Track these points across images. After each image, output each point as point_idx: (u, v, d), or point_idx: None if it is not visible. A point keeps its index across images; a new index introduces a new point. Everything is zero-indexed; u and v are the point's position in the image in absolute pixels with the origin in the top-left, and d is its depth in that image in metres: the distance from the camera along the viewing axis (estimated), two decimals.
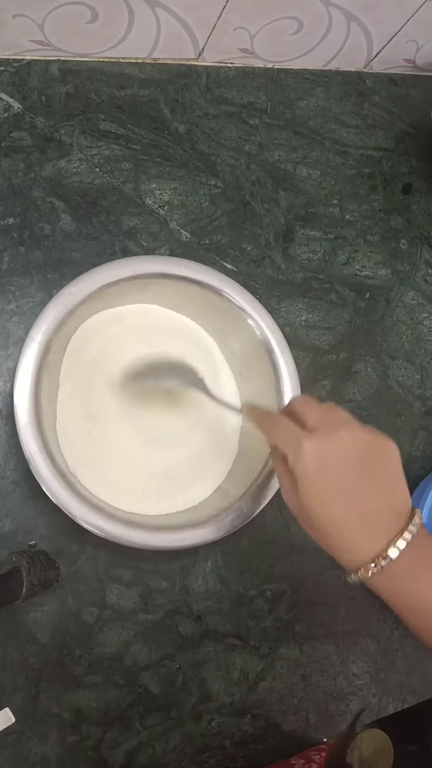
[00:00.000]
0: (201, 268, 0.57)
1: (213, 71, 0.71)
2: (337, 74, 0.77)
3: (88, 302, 0.53)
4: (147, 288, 0.58)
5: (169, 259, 0.58)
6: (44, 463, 0.49)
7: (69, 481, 0.50)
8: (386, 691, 0.65)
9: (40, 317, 0.51)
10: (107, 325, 0.59)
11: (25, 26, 0.60)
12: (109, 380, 0.57)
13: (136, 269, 0.55)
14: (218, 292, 0.57)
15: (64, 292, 0.52)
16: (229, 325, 0.60)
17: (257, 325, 0.58)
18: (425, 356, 0.72)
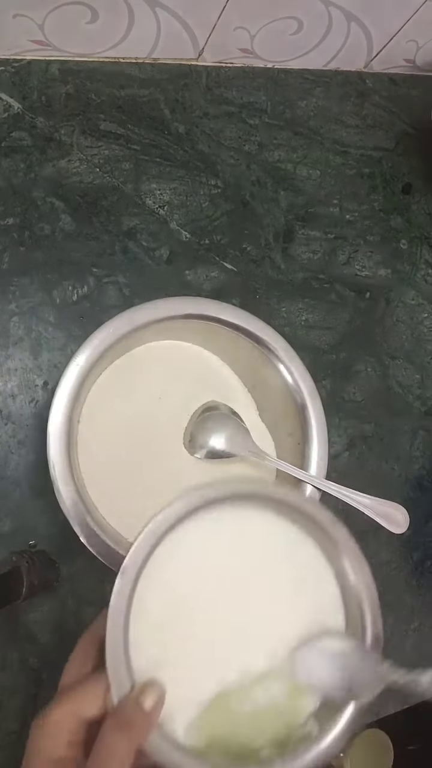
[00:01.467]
0: (244, 315, 0.56)
1: (213, 71, 0.71)
2: (337, 74, 0.77)
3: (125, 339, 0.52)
4: (179, 326, 0.57)
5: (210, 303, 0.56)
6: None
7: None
8: (386, 691, 0.65)
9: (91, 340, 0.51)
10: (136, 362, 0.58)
11: (25, 26, 0.60)
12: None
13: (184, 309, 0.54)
14: (254, 336, 0.56)
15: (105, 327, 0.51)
16: (258, 366, 0.58)
17: (287, 371, 0.56)
18: (425, 356, 0.72)
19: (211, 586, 0.41)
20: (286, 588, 0.43)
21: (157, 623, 0.39)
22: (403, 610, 0.66)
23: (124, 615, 0.36)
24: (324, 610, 0.43)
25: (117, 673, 0.35)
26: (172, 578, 0.40)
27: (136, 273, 0.63)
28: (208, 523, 0.42)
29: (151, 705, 0.35)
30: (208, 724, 0.39)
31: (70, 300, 0.60)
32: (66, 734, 0.34)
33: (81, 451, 0.54)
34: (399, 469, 0.69)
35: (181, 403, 0.58)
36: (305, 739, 0.40)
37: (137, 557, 0.38)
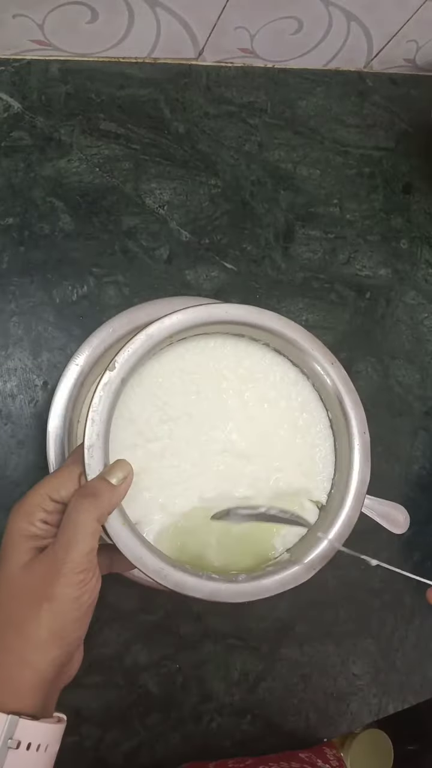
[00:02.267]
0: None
1: (213, 71, 0.71)
2: (337, 74, 0.77)
3: None
4: None
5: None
6: None
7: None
8: (386, 691, 0.65)
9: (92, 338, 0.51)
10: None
11: (25, 26, 0.60)
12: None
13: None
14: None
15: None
16: None
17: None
18: (425, 356, 0.72)
19: (204, 406, 0.42)
20: (282, 421, 0.44)
21: (144, 432, 0.40)
22: (403, 610, 0.66)
23: (108, 408, 0.37)
24: (315, 444, 0.44)
25: (93, 457, 0.37)
26: (165, 390, 0.41)
27: (135, 273, 0.63)
28: (210, 347, 0.43)
29: (118, 480, 0.37)
30: (178, 537, 0.41)
31: (70, 300, 0.60)
32: (40, 513, 0.36)
33: None
34: (399, 469, 0.69)
35: None
36: (275, 564, 0.41)
37: (128, 357, 0.38)
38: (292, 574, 0.40)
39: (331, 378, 0.44)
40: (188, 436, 0.42)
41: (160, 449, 0.41)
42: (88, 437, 0.37)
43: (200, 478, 0.42)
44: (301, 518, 0.43)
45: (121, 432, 0.39)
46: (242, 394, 0.43)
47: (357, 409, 0.43)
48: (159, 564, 0.37)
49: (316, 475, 0.44)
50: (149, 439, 0.41)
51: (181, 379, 0.42)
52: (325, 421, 0.45)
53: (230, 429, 0.43)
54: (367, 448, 0.43)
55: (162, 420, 0.41)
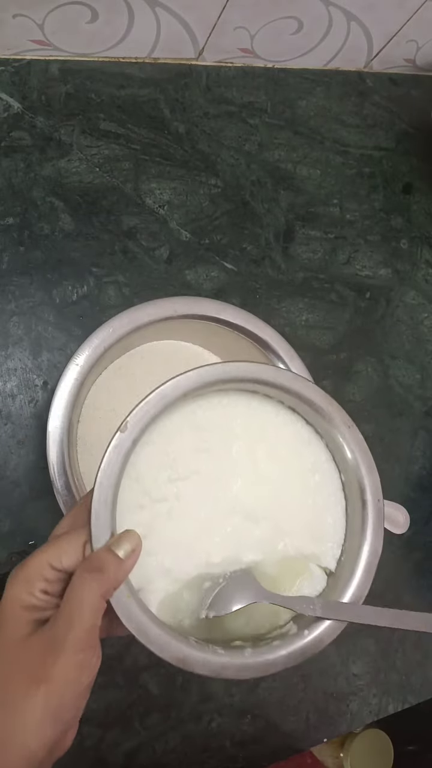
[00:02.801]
0: (245, 316, 0.55)
1: (213, 71, 0.71)
2: (337, 74, 0.77)
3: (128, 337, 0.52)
4: (179, 326, 0.56)
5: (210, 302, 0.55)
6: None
7: None
8: (386, 691, 0.65)
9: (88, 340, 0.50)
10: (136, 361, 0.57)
11: (25, 26, 0.60)
12: None
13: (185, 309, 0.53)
14: (255, 337, 0.55)
15: (109, 324, 0.51)
16: None
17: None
18: (426, 356, 0.72)
19: (214, 467, 0.40)
20: (293, 482, 0.42)
21: (151, 491, 0.39)
22: None
23: (117, 471, 0.35)
24: (327, 507, 0.42)
25: (98, 523, 0.35)
26: (175, 450, 0.40)
27: (135, 273, 0.63)
28: (221, 404, 0.41)
29: (125, 552, 0.35)
30: (183, 603, 0.39)
31: (70, 300, 0.60)
32: (41, 582, 0.34)
33: (81, 451, 0.54)
34: (399, 469, 0.69)
35: None
36: (281, 637, 0.39)
37: (141, 417, 0.36)
38: (300, 649, 0.38)
39: (347, 441, 0.42)
40: (196, 495, 0.40)
41: (166, 510, 0.39)
42: (95, 503, 0.35)
43: (207, 540, 0.40)
44: (302, 604, 0.40)
45: (126, 492, 0.37)
46: (253, 452, 0.41)
47: (372, 475, 0.41)
48: (164, 638, 0.35)
49: (327, 540, 0.42)
50: (156, 499, 0.39)
51: (192, 435, 0.40)
52: (338, 483, 0.43)
53: (239, 488, 0.41)
54: (380, 516, 0.41)
55: (170, 479, 0.39)
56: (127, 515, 0.37)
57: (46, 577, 0.34)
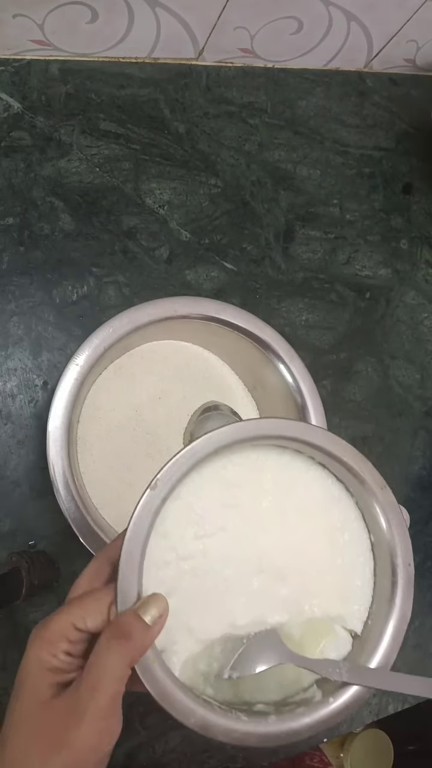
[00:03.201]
0: (245, 316, 0.55)
1: (213, 71, 0.71)
2: (337, 74, 0.77)
3: (124, 339, 0.52)
4: (179, 326, 0.56)
5: (212, 303, 0.55)
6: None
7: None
8: (386, 691, 0.65)
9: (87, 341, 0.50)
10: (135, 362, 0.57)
11: (25, 26, 0.60)
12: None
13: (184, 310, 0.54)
14: (255, 337, 0.55)
15: (105, 326, 0.51)
16: (258, 366, 0.58)
17: (288, 371, 0.56)
18: (425, 356, 0.72)
19: (242, 524, 0.39)
20: (321, 540, 0.41)
21: (177, 548, 0.38)
22: None
23: (146, 529, 0.35)
24: (355, 568, 0.41)
25: (125, 584, 0.34)
26: (203, 506, 0.39)
27: (135, 273, 0.63)
28: (251, 459, 0.40)
29: (152, 618, 0.34)
30: (206, 664, 0.38)
31: (70, 300, 0.60)
32: (64, 644, 0.33)
33: (81, 451, 0.54)
34: (399, 469, 0.69)
35: (181, 403, 0.58)
36: (305, 702, 0.38)
37: (172, 474, 0.36)
38: (324, 717, 0.37)
39: (380, 503, 0.40)
40: (223, 553, 0.39)
41: (192, 568, 0.38)
42: (123, 564, 0.34)
43: (233, 600, 0.39)
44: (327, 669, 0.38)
45: (153, 548, 0.36)
46: (282, 508, 0.40)
47: (404, 539, 0.41)
48: (187, 705, 0.35)
49: (354, 602, 0.41)
50: (182, 556, 0.38)
51: (221, 491, 0.39)
52: (367, 543, 0.42)
53: (267, 546, 0.40)
54: (411, 581, 0.40)
55: (197, 536, 0.38)
56: (153, 571, 0.36)
57: (69, 638, 0.33)
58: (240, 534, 0.39)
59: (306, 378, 0.56)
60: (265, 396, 0.60)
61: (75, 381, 0.50)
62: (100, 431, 0.56)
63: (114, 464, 0.55)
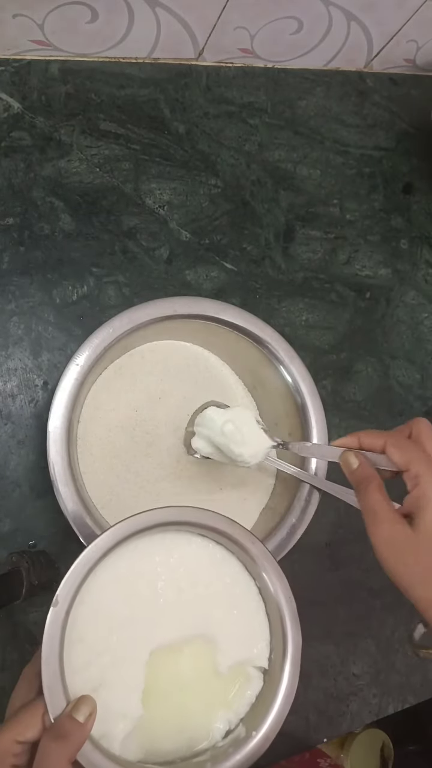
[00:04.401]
0: (245, 316, 0.56)
1: (213, 71, 0.71)
2: (337, 74, 0.77)
3: (124, 339, 0.53)
4: (179, 326, 0.57)
5: (211, 303, 0.56)
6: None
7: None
8: (386, 691, 0.65)
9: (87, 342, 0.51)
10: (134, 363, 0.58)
11: (25, 26, 0.60)
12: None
13: (183, 309, 0.55)
14: (255, 337, 0.56)
15: (106, 326, 0.52)
16: (258, 366, 0.58)
17: (288, 371, 0.56)
18: (426, 356, 0.72)
19: (144, 607, 0.44)
20: (219, 599, 0.46)
21: (93, 646, 0.42)
22: (403, 610, 0.66)
23: (58, 642, 0.39)
24: (250, 614, 0.46)
25: (53, 694, 0.38)
26: (106, 604, 0.43)
27: (135, 273, 0.63)
28: (138, 549, 0.44)
29: (84, 716, 0.37)
30: (141, 734, 0.42)
31: (70, 300, 0.60)
32: (10, 758, 0.36)
33: (81, 451, 0.54)
34: None
35: (181, 403, 0.58)
36: (234, 742, 0.43)
37: (69, 588, 0.40)
38: (251, 750, 0.43)
39: (253, 554, 0.45)
40: (135, 638, 0.43)
41: (111, 660, 0.42)
42: (45, 678, 0.38)
43: (152, 678, 0.43)
44: None
45: (73, 654, 0.40)
46: (177, 584, 0.45)
47: (281, 580, 0.46)
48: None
49: (256, 643, 0.46)
50: (100, 653, 0.42)
51: (118, 587, 0.43)
52: (255, 589, 0.47)
53: (171, 622, 0.44)
54: (294, 613, 0.46)
55: (109, 631, 0.43)
56: (78, 675, 0.40)
57: (14, 753, 0.36)
58: (146, 617, 0.44)
59: (306, 378, 0.56)
60: (265, 396, 0.60)
61: (75, 381, 0.50)
62: (100, 431, 0.56)
63: (114, 464, 0.55)
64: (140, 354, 0.58)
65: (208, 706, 0.45)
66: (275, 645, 0.46)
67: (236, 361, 0.60)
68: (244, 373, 0.61)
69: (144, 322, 0.53)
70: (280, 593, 0.46)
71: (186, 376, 0.59)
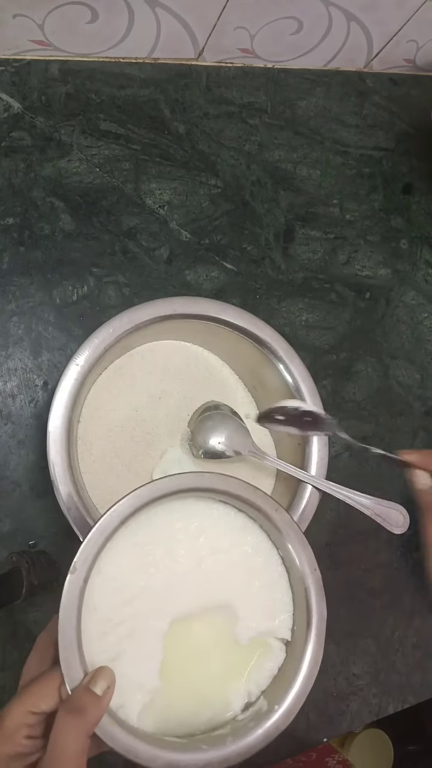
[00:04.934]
0: (245, 316, 0.56)
1: (213, 71, 0.71)
2: (337, 74, 0.77)
3: (124, 339, 0.53)
4: (179, 326, 0.57)
5: (211, 303, 0.56)
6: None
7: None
8: (386, 691, 0.65)
9: (88, 341, 0.51)
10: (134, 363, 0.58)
11: (25, 26, 0.60)
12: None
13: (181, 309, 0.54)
14: (255, 337, 0.56)
15: (105, 327, 0.52)
16: (258, 366, 0.58)
17: (288, 371, 0.56)
18: (425, 356, 0.72)
19: (163, 577, 0.42)
20: (239, 570, 0.44)
21: (110, 617, 0.40)
22: (403, 610, 0.66)
23: (76, 610, 0.37)
24: (272, 584, 0.45)
25: (69, 665, 0.36)
26: (123, 572, 0.41)
27: (136, 273, 0.63)
28: (157, 516, 0.43)
29: (102, 689, 0.36)
30: (160, 708, 0.41)
31: (70, 300, 0.60)
32: (24, 730, 0.35)
33: (81, 451, 0.54)
34: (399, 469, 0.69)
35: (181, 403, 0.58)
36: (256, 716, 0.42)
37: (87, 554, 0.39)
38: (273, 725, 0.42)
39: (277, 523, 0.44)
40: (153, 608, 0.42)
41: (128, 631, 0.41)
42: (62, 648, 0.37)
43: (170, 649, 0.42)
44: None
45: (88, 624, 0.39)
46: (197, 553, 0.44)
47: (305, 549, 0.44)
48: (152, 752, 0.38)
49: (278, 614, 0.45)
50: (116, 623, 0.41)
51: (136, 554, 0.42)
52: (278, 559, 0.46)
53: (190, 592, 0.43)
54: (319, 584, 0.44)
55: (124, 601, 0.41)
56: (95, 645, 0.39)
57: (28, 724, 0.35)
58: (164, 587, 0.43)
59: (306, 378, 0.56)
60: (265, 396, 0.60)
61: (75, 381, 0.50)
62: (100, 431, 0.56)
63: (114, 464, 0.55)
64: (140, 354, 0.58)
65: (227, 678, 0.44)
66: (298, 617, 0.45)
67: (236, 361, 0.60)
68: (244, 373, 0.61)
69: (144, 322, 0.53)
70: (305, 563, 0.44)
71: (186, 376, 0.59)
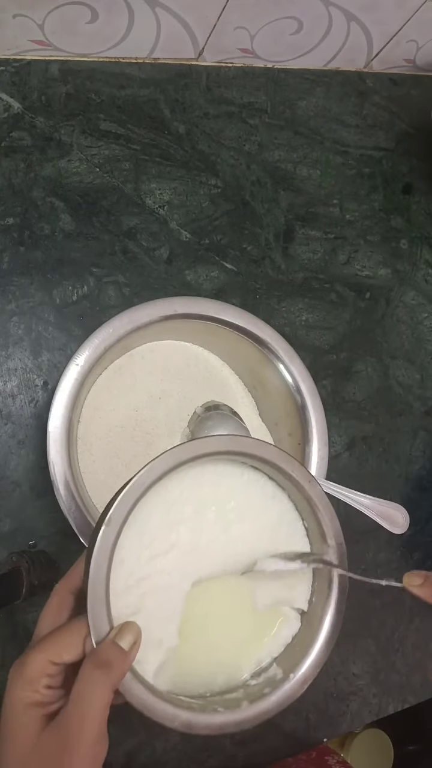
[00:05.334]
0: (245, 316, 0.56)
1: (213, 71, 0.71)
2: (337, 74, 0.77)
3: (124, 339, 0.53)
4: (179, 326, 0.57)
5: (210, 302, 0.56)
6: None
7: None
8: (386, 691, 0.65)
9: (88, 341, 0.51)
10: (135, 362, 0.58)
11: (25, 26, 0.60)
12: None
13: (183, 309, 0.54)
14: (255, 337, 0.56)
15: (106, 326, 0.52)
16: (258, 366, 0.58)
17: (288, 371, 0.56)
18: (425, 356, 0.72)
19: (190, 537, 0.43)
20: (263, 537, 0.45)
21: (135, 572, 0.40)
22: (403, 610, 0.66)
23: (107, 562, 0.37)
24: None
25: (97, 617, 0.36)
26: (152, 529, 0.42)
27: (136, 273, 0.63)
28: (189, 476, 0.43)
29: (128, 644, 0.36)
30: (175, 668, 0.41)
31: (70, 300, 0.60)
32: (45, 679, 0.34)
33: (81, 451, 0.54)
34: (399, 469, 0.69)
35: (181, 403, 0.58)
36: (270, 682, 0.42)
37: (123, 507, 0.38)
38: (287, 692, 0.42)
39: (309, 496, 0.44)
40: (177, 567, 0.42)
41: (152, 587, 0.41)
42: (91, 600, 0.36)
43: (190, 609, 0.42)
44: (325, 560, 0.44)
45: (114, 578, 0.39)
46: (225, 516, 0.44)
47: (333, 522, 0.44)
48: (170, 711, 0.38)
49: (298, 583, 0.45)
50: (141, 578, 0.41)
51: (166, 512, 0.42)
52: (302, 530, 0.46)
53: (214, 553, 0.43)
54: (344, 557, 0.44)
55: (151, 556, 0.41)
56: (119, 599, 0.39)
57: (48, 673, 0.34)
58: (190, 547, 0.42)
59: (306, 378, 0.56)
60: (265, 396, 0.60)
61: (75, 381, 0.50)
62: (100, 431, 0.56)
63: (114, 464, 0.55)
64: (140, 354, 0.58)
65: (241, 642, 0.44)
66: (318, 588, 0.45)
67: (236, 361, 0.60)
68: (244, 373, 0.61)
69: (144, 322, 0.53)
70: (331, 536, 0.44)
71: (186, 376, 0.59)
